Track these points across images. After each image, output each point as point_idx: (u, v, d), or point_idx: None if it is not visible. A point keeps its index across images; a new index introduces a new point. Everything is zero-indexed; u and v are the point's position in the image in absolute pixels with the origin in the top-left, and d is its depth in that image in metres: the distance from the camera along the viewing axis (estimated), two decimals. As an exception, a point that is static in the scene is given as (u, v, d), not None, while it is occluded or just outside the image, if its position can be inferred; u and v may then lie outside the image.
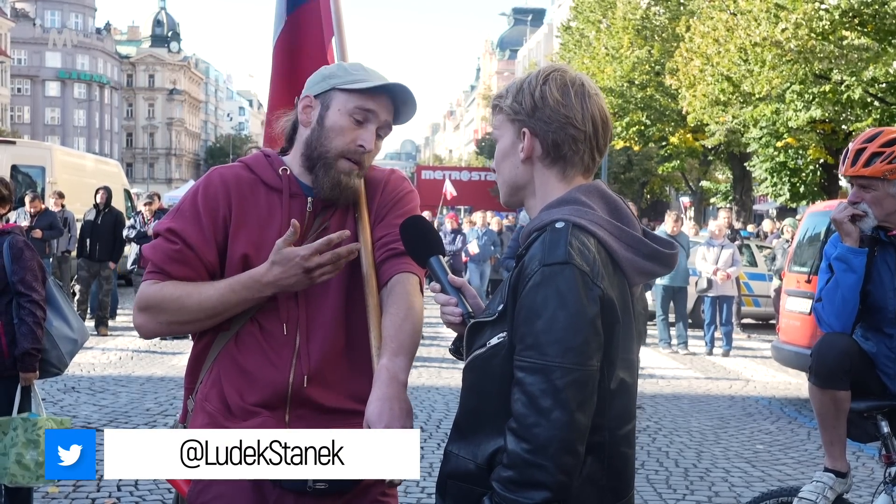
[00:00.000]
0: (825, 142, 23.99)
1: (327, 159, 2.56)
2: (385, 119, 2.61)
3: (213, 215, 2.56)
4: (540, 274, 2.01)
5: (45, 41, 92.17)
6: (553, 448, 1.92)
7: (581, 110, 2.16)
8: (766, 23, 20.11)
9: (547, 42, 74.41)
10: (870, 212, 3.80)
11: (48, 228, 14.28)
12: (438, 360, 12.15)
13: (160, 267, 2.55)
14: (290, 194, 2.61)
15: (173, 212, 2.63)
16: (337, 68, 2.64)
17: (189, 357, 2.68)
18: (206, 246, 2.55)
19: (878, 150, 3.75)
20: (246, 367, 2.52)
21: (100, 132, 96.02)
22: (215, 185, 2.61)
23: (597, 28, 34.33)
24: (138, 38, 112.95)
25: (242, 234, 2.57)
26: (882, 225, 3.87)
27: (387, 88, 2.59)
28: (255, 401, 2.51)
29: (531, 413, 1.94)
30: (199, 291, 2.51)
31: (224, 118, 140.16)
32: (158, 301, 2.52)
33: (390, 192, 2.71)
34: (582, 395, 1.96)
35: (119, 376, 10.88)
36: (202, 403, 2.57)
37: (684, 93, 25.28)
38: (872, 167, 3.73)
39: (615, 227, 2.13)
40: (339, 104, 2.57)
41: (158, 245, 2.57)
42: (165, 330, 2.60)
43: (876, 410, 3.99)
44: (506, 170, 2.26)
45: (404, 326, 2.46)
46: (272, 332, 2.54)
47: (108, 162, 25.08)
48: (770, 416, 9.87)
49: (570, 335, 1.96)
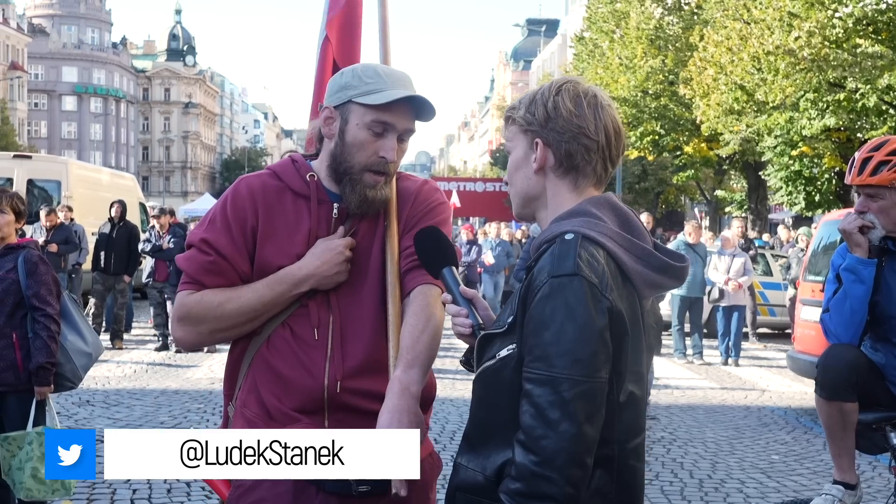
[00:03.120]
0: (840, 150, 23.90)
1: (352, 174, 2.57)
2: (405, 126, 2.60)
3: (241, 225, 2.59)
4: (549, 286, 2.01)
5: (62, 56, 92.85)
6: (561, 460, 1.92)
7: (594, 120, 2.17)
8: (780, 31, 20.07)
9: (561, 52, 74.41)
10: (877, 222, 3.77)
11: (64, 243, 14.34)
12: (453, 371, 12.14)
13: (195, 277, 2.57)
14: (317, 200, 2.62)
15: (204, 222, 2.66)
16: (352, 77, 2.61)
17: (226, 364, 2.71)
18: (238, 255, 2.58)
19: (885, 158, 3.73)
20: (281, 372, 2.54)
21: (116, 146, 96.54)
22: (242, 195, 2.63)
23: (610, 38, 34.29)
24: (154, 52, 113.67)
25: (271, 243, 2.59)
26: (890, 235, 3.83)
27: (402, 101, 2.58)
28: (294, 406, 2.52)
29: (539, 425, 1.94)
30: (237, 295, 2.54)
31: (239, 131, 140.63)
32: (198, 310, 2.54)
33: (421, 202, 2.71)
34: (590, 407, 1.96)
35: (133, 389, 10.91)
36: (241, 410, 2.59)
37: (698, 102, 25.25)
38: (879, 176, 3.71)
39: (625, 240, 2.13)
40: (357, 118, 2.56)
41: (192, 256, 2.60)
42: (206, 339, 2.62)
43: (885, 422, 3.97)
44: (518, 181, 2.27)
45: (422, 338, 2.46)
46: (303, 336, 2.55)
47: (123, 176, 25.23)
48: (786, 426, 9.81)
49: (578, 347, 1.96)
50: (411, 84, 2.64)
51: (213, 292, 2.55)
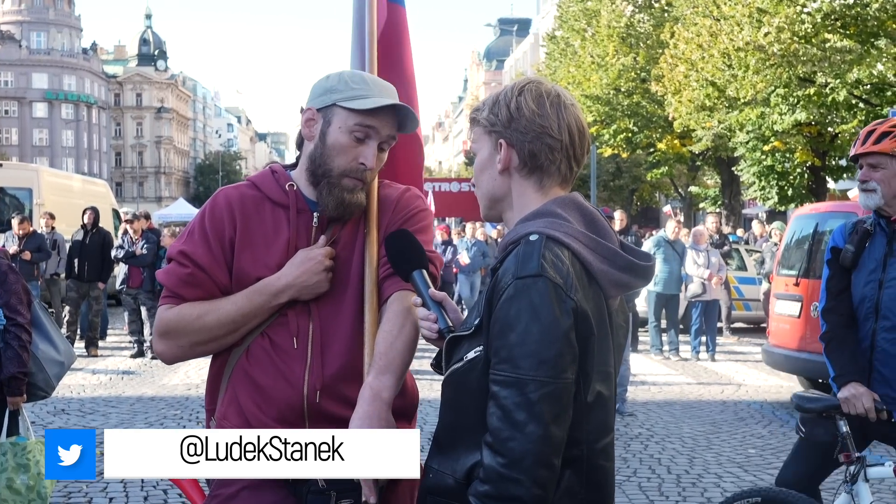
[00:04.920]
0: (811, 144, 24.07)
1: (331, 178, 2.56)
2: (387, 134, 2.60)
3: (220, 236, 2.58)
4: (513, 287, 2.01)
5: (32, 62, 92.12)
6: (528, 462, 1.92)
7: (557, 120, 2.17)
8: (749, 27, 20.19)
9: (533, 52, 74.52)
10: (878, 189, 3.89)
11: (36, 251, 14.22)
12: (431, 371, 12.10)
13: (174, 291, 2.57)
14: (297, 210, 2.61)
15: (184, 235, 2.64)
16: (338, 81, 2.61)
17: (207, 378, 2.69)
18: (217, 267, 2.57)
19: (888, 129, 3.88)
20: (259, 382, 2.52)
21: (88, 152, 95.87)
22: (220, 206, 2.62)
23: (582, 37, 34.38)
24: (125, 58, 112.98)
25: (249, 253, 2.58)
26: (882, 211, 3.95)
27: (386, 109, 2.57)
28: (274, 415, 2.50)
29: (506, 427, 1.95)
30: (216, 308, 2.53)
31: (213, 135, 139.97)
32: (178, 324, 2.54)
33: (401, 209, 2.68)
34: (556, 408, 1.96)
35: (109, 397, 10.84)
36: (221, 422, 2.57)
37: (670, 99, 25.35)
38: (881, 144, 3.86)
39: (590, 240, 2.13)
40: (340, 121, 2.56)
41: (171, 270, 2.59)
42: (188, 353, 2.60)
43: (834, 410, 4.02)
44: (484, 182, 2.27)
45: (396, 344, 2.46)
46: (282, 345, 2.53)
47: (95, 182, 25.09)
48: (762, 420, 9.87)
49: (543, 348, 1.96)
50: (396, 96, 2.65)
51: (191, 305, 2.54)
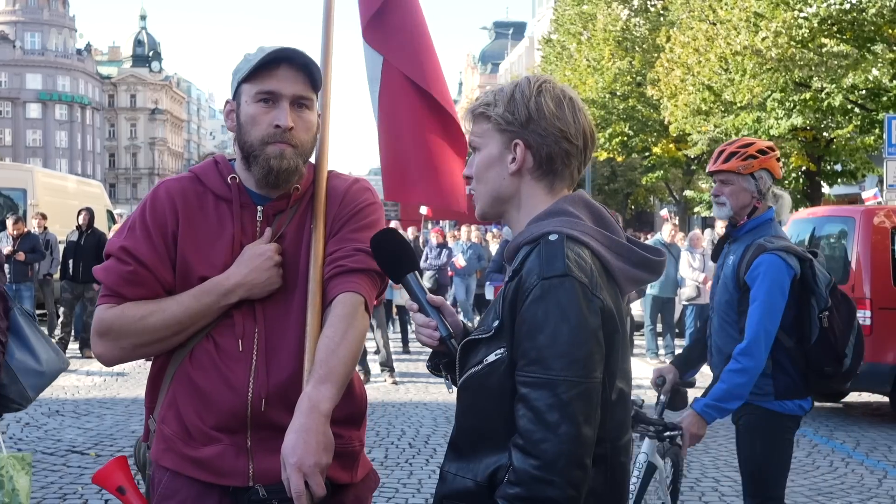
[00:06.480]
0: (807, 149, 24.07)
1: (254, 151, 2.44)
2: (294, 92, 2.45)
3: (162, 231, 2.45)
4: (540, 287, 1.98)
5: (26, 63, 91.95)
6: (562, 463, 1.90)
7: (574, 124, 2.15)
8: (746, 32, 20.20)
9: (528, 55, 74.58)
10: (728, 202, 4.28)
11: (31, 252, 14.17)
12: (426, 375, 12.10)
13: (114, 290, 2.43)
14: (240, 204, 2.49)
15: (122, 230, 2.51)
16: (242, 61, 2.50)
17: (148, 376, 2.58)
18: (160, 264, 2.44)
19: (735, 150, 4.27)
20: (201, 388, 2.40)
21: (82, 153, 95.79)
22: (162, 199, 2.50)
23: (578, 40, 34.40)
24: (119, 59, 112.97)
25: (193, 250, 2.46)
26: (733, 220, 4.33)
27: (274, 59, 2.44)
28: (214, 423, 2.40)
29: (538, 428, 1.92)
30: (161, 308, 2.40)
31: (207, 137, 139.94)
32: (119, 324, 2.40)
33: (348, 203, 2.55)
34: (588, 407, 1.94)
35: (104, 399, 10.79)
36: (160, 426, 2.47)
37: (666, 103, 25.35)
38: (729, 163, 4.25)
39: (605, 237, 2.12)
40: (246, 96, 2.46)
41: (111, 267, 2.45)
42: (129, 355, 2.46)
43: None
44: (491, 180, 2.21)
45: (338, 351, 2.30)
46: (226, 349, 2.41)
47: (90, 183, 24.97)
48: (759, 424, 9.83)
49: (573, 348, 1.94)
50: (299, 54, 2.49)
51: (135, 305, 2.41)
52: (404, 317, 15.13)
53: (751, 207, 4.25)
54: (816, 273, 4.11)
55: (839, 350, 4.11)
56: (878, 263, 9.87)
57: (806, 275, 4.08)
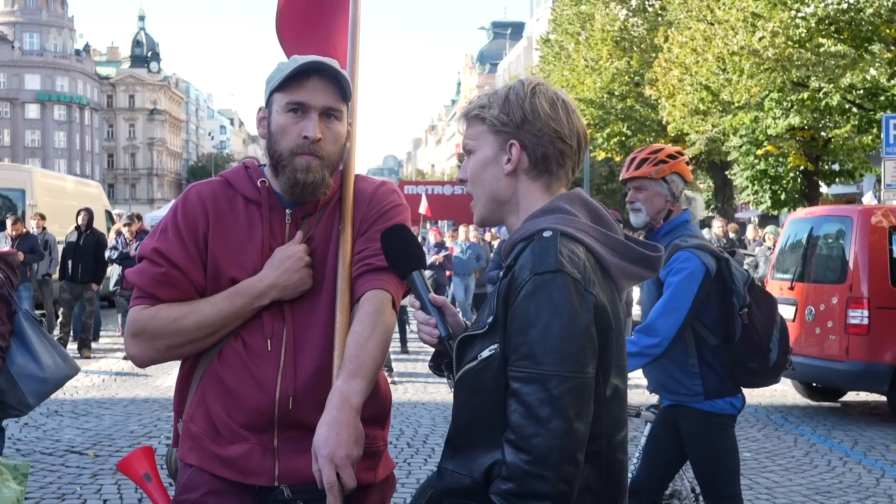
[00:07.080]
0: (805, 149, 24.11)
1: (283, 161, 2.48)
2: (324, 103, 2.49)
3: (194, 233, 2.49)
4: (532, 283, 1.99)
5: (24, 63, 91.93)
6: (553, 458, 1.90)
7: (568, 125, 2.17)
8: (744, 32, 20.22)
9: (527, 55, 74.59)
10: (643, 208, 4.39)
11: (30, 252, 14.16)
12: (425, 375, 12.12)
13: (148, 291, 2.46)
14: (269, 207, 2.54)
15: (155, 232, 2.55)
16: (275, 70, 2.54)
17: (177, 379, 2.60)
18: (192, 265, 2.48)
19: (647, 156, 4.38)
20: (230, 385, 2.43)
21: (80, 153, 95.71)
22: (193, 202, 2.54)
23: (576, 40, 34.38)
24: (118, 59, 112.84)
25: (224, 252, 2.49)
26: (650, 225, 4.42)
27: (305, 70, 2.47)
28: (243, 421, 2.42)
29: (529, 423, 1.93)
30: (195, 310, 2.44)
31: (206, 137, 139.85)
32: (154, 326, 2.43)
33: (375, 204, 2.60)
34: (579, 403, 1.95)
35: (102, 399, 10.80)
36: (188, 424, 2.49)
37: (664, 103, 25.37)
38: (641, 169, 4.36)
39: (600, 234, 2.13)
40: (277, 105, 2.50)
41: (144, 269, 2.48)
42: (164, 356, 2.48)
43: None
44: (487, 181, 2.22)
45: (367, 346, 2.34)
46: (255, 348, 2.44)
47: (88, 183, 24.97)
48: (756, 423, 9.87)
49: (565, 343, 1.94)
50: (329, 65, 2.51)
51: (169, 307, 2.44)
52: (403, 317, 15.13)
53: (665, 211, 4.39)
54: (733, 271, 4.22)
55: (762, 345, 4.20)
56: (875, 263, 9.87)
57: (723, 273, 4.19)
